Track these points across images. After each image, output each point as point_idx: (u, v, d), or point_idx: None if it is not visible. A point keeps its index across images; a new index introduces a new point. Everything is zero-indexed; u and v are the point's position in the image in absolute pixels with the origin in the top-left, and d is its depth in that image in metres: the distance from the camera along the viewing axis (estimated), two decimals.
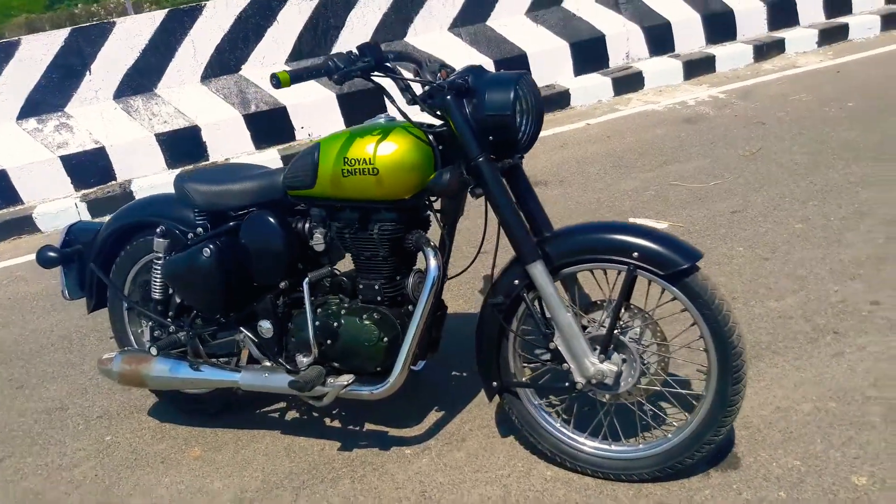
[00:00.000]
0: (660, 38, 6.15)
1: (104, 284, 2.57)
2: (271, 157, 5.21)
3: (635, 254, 1.82)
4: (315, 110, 5.42)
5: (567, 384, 1.95)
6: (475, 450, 2.22)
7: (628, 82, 5.85)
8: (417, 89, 1.95)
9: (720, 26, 6.25)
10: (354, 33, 5.58)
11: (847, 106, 4.77)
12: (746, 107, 5.13)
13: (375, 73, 1.91)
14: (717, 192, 3.80)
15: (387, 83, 1.99)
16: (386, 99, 2.00)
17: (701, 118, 5.06)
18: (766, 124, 4.68)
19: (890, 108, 4.60)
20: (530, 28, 5.92)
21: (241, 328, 2.30)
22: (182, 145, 5.18)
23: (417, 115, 2.07)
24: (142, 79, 5.19)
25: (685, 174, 4.10)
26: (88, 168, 5.02)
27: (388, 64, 1.93)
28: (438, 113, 1.98)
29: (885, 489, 1.84)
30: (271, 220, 2.15)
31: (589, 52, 5.94)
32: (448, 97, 1.88)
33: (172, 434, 2.53)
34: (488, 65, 5.72)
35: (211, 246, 2.18)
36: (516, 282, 1.96)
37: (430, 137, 1.99)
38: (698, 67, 5.99)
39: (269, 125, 5.35)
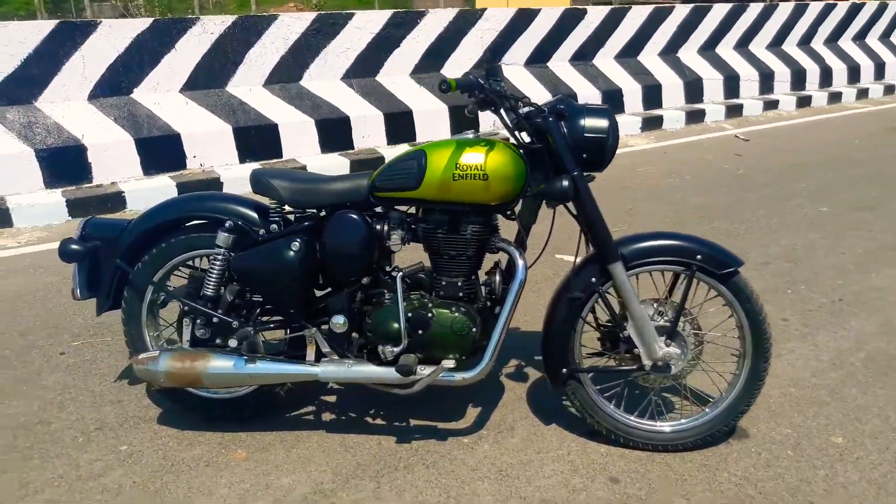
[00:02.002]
0: None
1: (123, 284, 2.45)
2: (162, 184, 4.99)
3: (698, 257, 2.25)
4: (209, 140, 5.32)
5: (635, 366, 2.31)
6: (527, 436, 2.46)
7: None
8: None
9: None
10: (252, 70, 5.61)
11: (685, 178, 5.80)
12: (603, 174, 5.96)
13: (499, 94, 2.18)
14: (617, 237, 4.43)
15: None
16: (497, 116, 2.26)
17: None
18: (628, 188, 5.53)
19: (717, 182, 5.68)
20: (414, 88, 6.37)
21: (308, 324, 2.34)
22: (64, 164, 4.80)
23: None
24: (20, 89, 4.76)
25: None
26: None
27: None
28: (528, 133, 2.28)
29: (856, 444, 2.41)
30: (360, 219, 2.27)
31: (464, 117, 6.50)
32: (550, 118, 2.20)
33: (201, 440, 2.44)
34: (378, 117, 6.04)
35: (298, 241, 2.24)
36: (593, 279, 2.29)
37: (522, 153, 2.28)
38: None
39: (161, 152, 5.14)
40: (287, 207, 2.36)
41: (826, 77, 9.60)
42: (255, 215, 2.36)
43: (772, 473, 2.26)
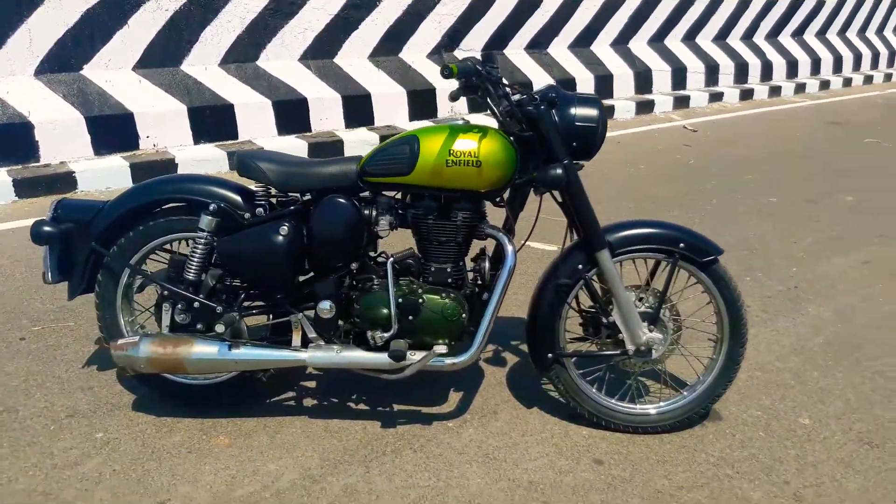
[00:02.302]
0: None
1: (98, 267, 2.37)
2: (115, 165, 4.81)
3: (681, 245, 2.31)
4: (163, 120, 5.15)
5: (618, 351, 2.36)
6: (510, 419, 2.49)
7: None
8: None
9: None
10: (207, 49, 5.45)
11: (640, 168, 5.93)
12: None
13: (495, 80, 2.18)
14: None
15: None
16: (485, 102, 2.25)
17: None
18: (586, 177, 5.59)
19: (671, 172, 5.83)
20: (372, 71, 6.30)
21: (293, 309, 2.31)
22: (9, 142, 4.57)
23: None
24: None
25: (550, 212, 4.76)
26: None
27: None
28: (518, 121, 2.28)
29: (822, 425, 2.53)
30: (350, 204, 2.24)
31: (422, 101, 6.48)
32: (542, 107, 2.22)
33: (180, 426, 2.38)
34: (336, 99, 5.96)
35: (287, 225, 2.20)
36: (580, 266, 2.33)
37: (512, 140, 2.29)
38: None
39: (112, 131, 4.95)
40: (273, 191, 2.32)
41: (767, 71, 9.94)
42: (239, 199, 2.31)
43: (746, 454, 2.35)
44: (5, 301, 3.21)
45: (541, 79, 7.39)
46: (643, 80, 8.35)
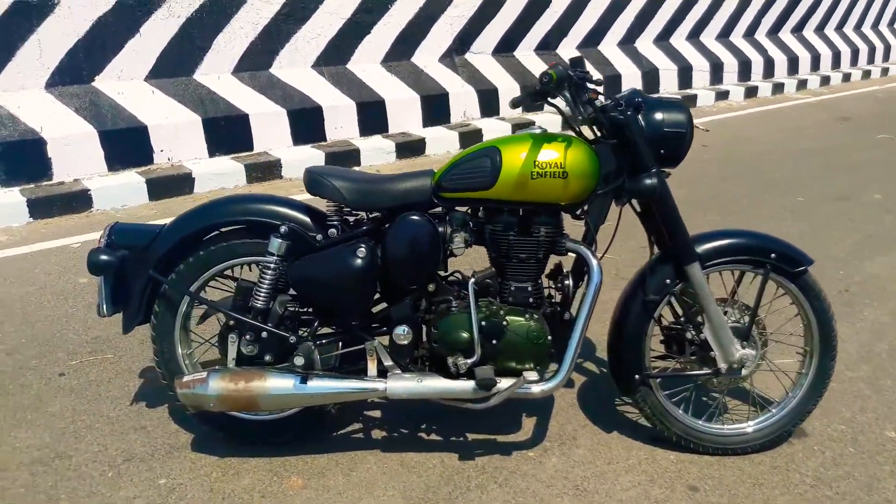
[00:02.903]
0: (489, 102, 6.82)
1: (154, 296, 2.23)
2: (131, 181, 4.65)
3: (773, 255, 2.21)
4: (177, 133, 4.98)
5: (709, 370, 2.25)
6: (592, 446, 2.37)
7: (470, 137, 6.37)
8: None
9: None
10: (220, 57, 5.29)
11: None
12: None
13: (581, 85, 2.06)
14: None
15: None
16: (563, 110, 2.13)
17: None
18: None
19: (694, 172, 5.74)
20: (385, 76, 6.16)
21: (367, 336, 2.18)
22: (22, 160, 4.39)
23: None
24: None
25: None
26: None
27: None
28: (600, 128, 2.17)
29: None
30: (427, 221, 2.12)
31: (435, 107, 6.35)
32: (629, 112, 2.10)
33: (247, 468, 2.24)
34: (350, 107, 5.82)
35: (364, 246, 2.07)
36: (668, 280, 2.22)
37: (594, 149, 2.17)
38: (520, 128, 6.76)
39: (126, 145, 4.78)
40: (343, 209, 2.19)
41: (769, 68, 9.90)
42: (308, 219, 2.17)
43: (841, 472, 2.25)
44: (36, 333, 3.04)
45: None
46: (651, 79, 8.27)
